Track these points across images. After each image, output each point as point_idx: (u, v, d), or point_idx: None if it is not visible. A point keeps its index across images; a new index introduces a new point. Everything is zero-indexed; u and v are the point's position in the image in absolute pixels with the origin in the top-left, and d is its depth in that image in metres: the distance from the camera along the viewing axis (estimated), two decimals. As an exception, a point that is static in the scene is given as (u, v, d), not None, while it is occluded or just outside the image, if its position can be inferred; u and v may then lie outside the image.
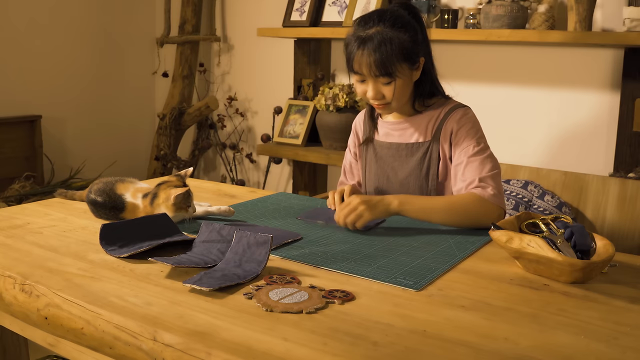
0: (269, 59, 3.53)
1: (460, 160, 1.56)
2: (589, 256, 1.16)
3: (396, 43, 1.49)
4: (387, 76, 1.52)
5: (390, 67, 1.50)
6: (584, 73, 2.55)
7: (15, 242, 1.31)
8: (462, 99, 1.71)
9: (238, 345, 0.86)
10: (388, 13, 1.53)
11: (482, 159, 1.54)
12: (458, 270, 1.20)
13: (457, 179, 1.56)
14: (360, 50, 1.50)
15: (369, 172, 1.75)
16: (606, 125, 2.52)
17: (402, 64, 1.52)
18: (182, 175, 1.49)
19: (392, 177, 1.69)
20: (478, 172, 1.52)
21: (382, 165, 1.71)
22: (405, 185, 1.66)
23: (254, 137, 3.67)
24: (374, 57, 1.49)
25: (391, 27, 1.50)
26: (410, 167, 1.65)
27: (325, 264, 1.21)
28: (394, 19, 1.52)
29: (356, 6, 2.87)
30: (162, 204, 1.40)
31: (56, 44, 3.46)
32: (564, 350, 0.87)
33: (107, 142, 3.78)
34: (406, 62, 1.53)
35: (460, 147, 1.57)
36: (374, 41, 1.49)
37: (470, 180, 1.52)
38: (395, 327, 0.93)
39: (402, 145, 1.67)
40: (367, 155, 1.75)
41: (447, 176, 1.63)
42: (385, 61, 1.49)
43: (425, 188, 1.64)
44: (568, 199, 2.17)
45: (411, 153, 1.65)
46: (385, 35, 1.49)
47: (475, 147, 1.55)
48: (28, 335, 1.16)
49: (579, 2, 2.27)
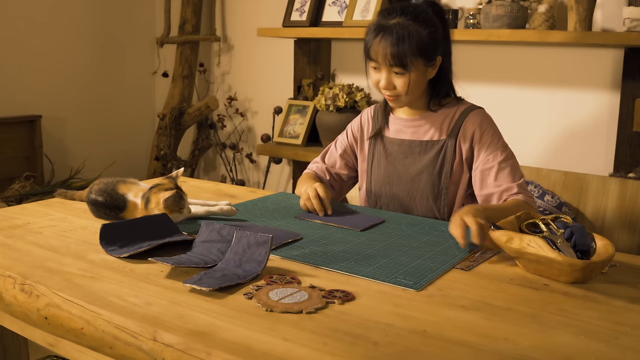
0: (269, 59, 3.53)
1: (490, 166, 1.58)
2: (589, 256, 1.16)
3: (414, 36, 1.51)
4: (401, 67, 1.53)
5: (405, 58, 1.51)
6: (584, 73, 2.55)
7: (15, 242, 1.31)
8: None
9: (238, 345, 0.86)
10: (412, 7, 1.55)
11: (512, 164, 1.58)
12: (458, 270, 1.20)
13: (487, 184, 1.58)
14: (379, 38, 1.53)
15: (377, 167, 1.74)
16: (606, 125, 2.52)
17: (417, 58, 1.53)
18: (173, 176, 1.48)
19: (403, 173, 1.69)
20: (511, 179, 1.56)
21: (393, 162, 1.71)
22: (417, 182, 1.67)
23: (254, 137, 3.67)
24: (390, 46, 1.51)
25: (413, 20, 1.52)
26: (423, 164, 1.66)
27: (325, 264, 1.21)
28: (416, 12, 1.54)
29: (356, 6, 2.87)
30: (155, 209, 1.40)
31: (56, 44, 3.46)
32: (564, 350, 0.87)
33: (107, 142, 3.78)
34: (422, 58, 1.54)
35: (487, 151, 1.59)
36: (393, 31, 1.51)
37: (506, 187, 1.55)
38: (395, 327, 0.93)
39: (415, 143, 1.67)
40: (375, 150, 1.75)
41: (460, 175, 1.64)
42: (401, 52, 1.51)
43: (437, 185, 1.64)
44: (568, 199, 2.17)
45: (425, 150, 1.66)
46: (405, 26, 1.51)
47: (503, 152, 1.59)
48: (28, 335, 1.15)
49: (579, 2, 2.27)
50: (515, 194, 1.54)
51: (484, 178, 1.59)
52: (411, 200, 1.68)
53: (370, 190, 1.76)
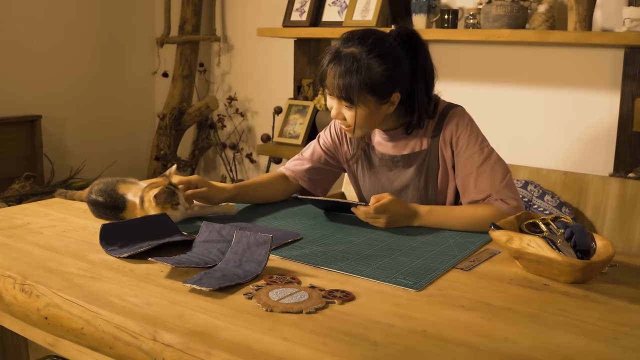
0: (269, 59, 3.53)
1: (468, 172, 1.51)
2: (589, 256, 1.16)
3: (364, 72, 1.41)
4: (347, 101, 1.45)
5: (351, 93, 1.42)
6: (584, 73, 2.55)
7: (15, 242, 1.31)
8: (462, 99, 1.71)
9: (238, 345, 0.86)
10: (373, 37, 1.45)
11: (491, 166, 1.49)
12: (458, 270, 1.20)
13: (469, 190, 1.51)
14: (331, 66, 1.45)
15: (364, 182, 1.69)
16: (606, 125, 2.52)
17: (365, 95, 1.44)
18: (167, 174, 1.48)
19: (388, 187, 1.63)
20: (491, 183, 1.48)
21: (376, 174, 1.65)
22: (403, 196, 1.61)
23: (254, 137, 3.67)
24: (337, 78, 1.43)
25: (368, 52, 1.42)
26: (408, 178, 1.60)
27: (325, 264, 1.21)
28: (374, 45, 1.43)
29: (356, 6, 2.87)
30: (149, 207, 1.40)
31: (56, 44, 3.46)
32: (564, 350, 0.87)
33: (107, 142, 3.78)
34: (371, 95, 1.44)
35: (464, 156, 1.52)
36: (342, 62, 1.42)
37: (486, 194, 1.48)
38: (395, 327, 0.93)
39: (397, 157, 1.60)
40: (359, 166, 1.69)
41: (447, 183, 1.58)
42: (347, 85, 1.42)
43: (425, 198, 1.59)
44: (568, 199, 2.17)
45: (408, 164, 1.59)
46: (357, 59, 1.42)
47: (480, 155, 1.50)
48: (28, 335, 1.16)
49: (579, 2, 2.27)
50: (495, 200, 1.47)
51: (465, 185, 1.52)
52: None
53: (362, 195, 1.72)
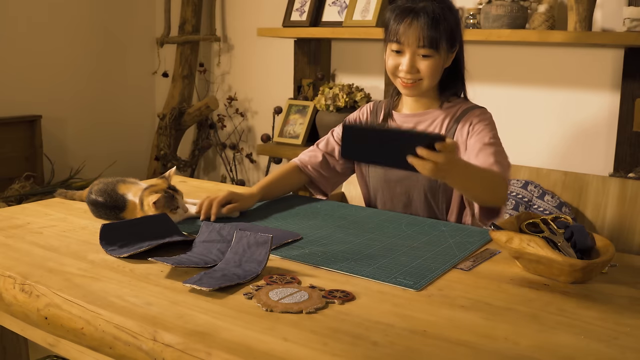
0: (269, 59, 3.53)
1: (475, 147, 1.55)
2: (589, 256, 1.16)
3: (445, 19, 1.52)
4: (433, 49, 1.53)
5: (439, 40, 1.52)
6: (584, 73, 2.55)
7: (15, 242, 1.31)
8: (462, 99, 1.71)
9: (238, 345, 0.86)
10: None
11: (497, 149, 1.54)
12: (458, 270, 1.20)
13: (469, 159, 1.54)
14: (409, 20, 1.52)
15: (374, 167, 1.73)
16: (606, 125, 2.52)
17: (445, 42, 1.54)
18: (166, 176, 1.48)
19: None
20: (493, 157, 1.51)
21: None
22: (414, 178, 1.65)
23: (254, 137, 3.67)
24: (425, 29, 1.51)
25: (439, 4, 1.54)
26: None
27: (325, 264, 1.21)
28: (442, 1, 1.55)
29: (356, 6, 2.87)
30: (148, 211, 1.40)
31: (56, 44, 3.46)
32: (564, 350, 0.87)
33: (107, 142, 3.78)
34: (448, 43, 1.55)
35: (475, 137, 1.57)
36: (426, 12, 1.51)
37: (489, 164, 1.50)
38: (395, 327, 0.93)
39: None
40: None
41: None
42: (436, 34, 1.51)
43: (435, 181, 1.62)
44: (568, 199, 2.17)
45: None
46: (436, 10, 1.52)
47: (492, 138, 1.56)
48: (28, 335, 1.15)
49: (579, 2, 2.27)
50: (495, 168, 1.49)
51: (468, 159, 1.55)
52: (409, 196, 1.68)
53: (369, 185, 1.75)
